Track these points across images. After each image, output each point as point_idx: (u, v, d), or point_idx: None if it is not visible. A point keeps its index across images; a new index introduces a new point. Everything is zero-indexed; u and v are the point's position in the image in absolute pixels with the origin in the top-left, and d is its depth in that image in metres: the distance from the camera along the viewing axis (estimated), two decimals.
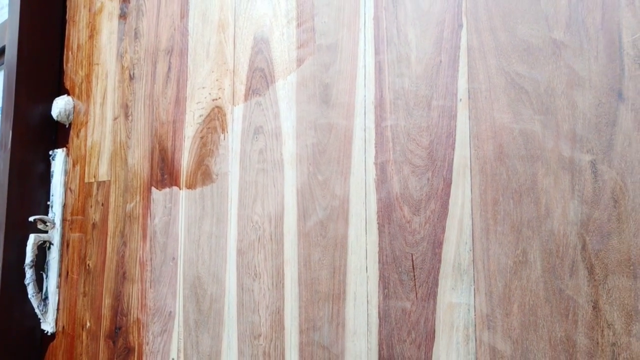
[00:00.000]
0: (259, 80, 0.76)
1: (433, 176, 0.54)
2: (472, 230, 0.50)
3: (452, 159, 0.52)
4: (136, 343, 0.94)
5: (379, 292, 0.57)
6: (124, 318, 0.98)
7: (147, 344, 0.91)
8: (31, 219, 1.22)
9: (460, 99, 0.52)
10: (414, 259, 0.54)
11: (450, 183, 0.52)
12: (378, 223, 0.58)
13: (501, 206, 0.48)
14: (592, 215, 0.42)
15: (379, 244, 0.58)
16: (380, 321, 0.57)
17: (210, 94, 0.85)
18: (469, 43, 0.52)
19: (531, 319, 0.45)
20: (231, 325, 0.75)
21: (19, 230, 1.23)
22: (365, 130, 0.61)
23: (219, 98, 0.83)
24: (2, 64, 1.41)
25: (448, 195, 0.52)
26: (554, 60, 0.45)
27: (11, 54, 1.30)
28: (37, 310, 1.21)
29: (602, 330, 0.40)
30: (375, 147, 0.60)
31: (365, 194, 0.60)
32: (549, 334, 0.43)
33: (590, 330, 0.41)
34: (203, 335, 0.80)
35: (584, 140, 0.43)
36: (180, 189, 0.89)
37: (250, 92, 0.77)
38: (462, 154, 0.52)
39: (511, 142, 0.48)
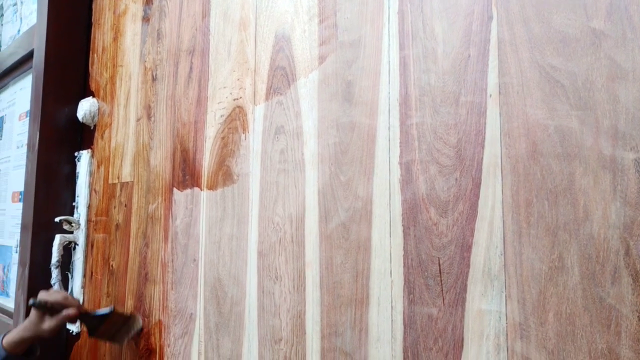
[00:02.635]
0: (280, 78, 0.75)
1: (461, 176, 0.51)
2: (504, 233, 0.47)
3: (482, 158, 0.50)
4: (158, 345, 0.94)
5: (404, 297, 0.55)
6: (146, 319, 0.98)
7: (169, 346, 0.91)
8: (57, 219, 1.23)
9: (490, 95, 0.50)
10: (440, 263, 0.52)
11: (480, 183, 0.50)
12: (403, 225, 0.56)
13: (535, 208, 0.45)
14: (636, 218, 0.39)
15: (404, 247, 0.56)
16: (405, 328, 0.54)
17: (231, 93, 0.84)
18: (499, 36, 0.49)
19: (568, 328, 0.42)
20: (252, 329, 0.74)
21: (45, 230, 1.24)
22: (389, 128, 0.59)
23: (240, 98, 0.82)
24: (31, 67, 1.43)
25: (477, 196, 0.50)
26: (593, 52, 0.42)
27: (39, 58, 1.32)
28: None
29: None
30: (400, 146, 0.57)
31: (390, 194, 0.58)
32: (588, 345, 0.40)
33: (635, 342, 0.38)
34: (224, 338, 0.79)
35: (627, 137, 0.40)
36: (201, 190, 0.88)
37: (272, 91, 0.76)
38: (492, 153, 0.49)
39: (546, 139, 0.45)
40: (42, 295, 0.93)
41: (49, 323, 0.90)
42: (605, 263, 0.40)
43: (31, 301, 0.91)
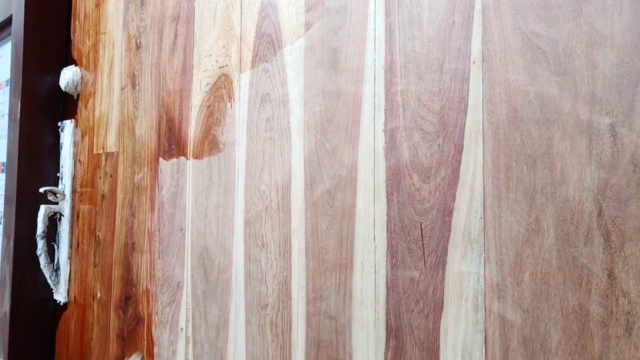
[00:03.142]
0: (266, 46, 0.74)
1: (444, 142, 0.52)
2: (484, 197, 0.48)
3: (464, 124, 0.51)
4: (145, 313, 0.95)
5: (386, 261, 0.56)
6: (133, 288, 0.99)
7: (157, 313, 0.92)
8: (41, 190, 1.22)
9: (474, 62, 0.50)
10: (423, 227, 0.53)
11: (462, 149, 0.51)
12: (387, 191, 0.57)
13: (514, 172, 0.46)
14: (609, 181, 0.40)
15: (387, 212, 0.57)
16: (387, 291, 0.56)
17: (217, 61, 0.83)
18: (483, 2, 0.50)
19: (543, 287, 0.43)
20: (239, 296, 0.75)
21: (29, 201, 1.23)
22: (374, 96, 0.59)
23: (226, 66, 0.81)
24: (9, 34, 1.39)
25: (459, 162, 0.51)
26: (573, 18, 0.43)
27: (18, 24, 1.29)
28: (49, 281, 1.23)
29: (617, 299, 0.39)
30: (385, 113, 0.58)
31: (374, 162, 0.59)
32: (561, 303, 0.42)
33: (604, 298, 0.40)
34: (211, 305, 0.80)
35: (604, 102, 0.41)
36: (187, 159, 0.88)
37: (258, 58, 0.75)
38: (474, 119, 0.50)
39: (526, 105, 0.46)
40: None
41: None
42: (579, 224, 0.41)
43: None
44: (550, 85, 0.44)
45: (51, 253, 1.24)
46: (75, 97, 1.27)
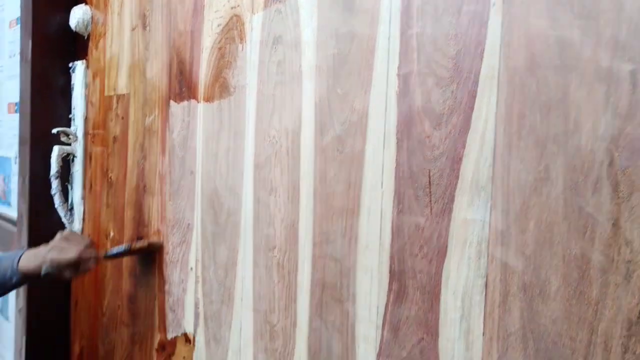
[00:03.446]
0: None
1: (458, 88, 0.51)
2: (494, 145, 0.48)
3: (479, 69, 0.49)
4: (157, 252, 0.98)
5: (393, 207, 0.57)
6: (145, 229, 1.02)
7: (167, 253, 0.95)
8: (54, 130, 1.23)
9: (494, 4, 0.48)
10: (431, 174, 0.53)
11: (475, 96, 0.50)
12: (397, 138, 0.57)
13: (527, 120, 0.46)
14: (624, 130, 0.39)
15: (396, 159, 0.57)
16: (392, 236, 0.57)
17: (228, 1, 0.81)
18: None
19: (547, 236, 0.44)
20: (247, 238, 0.77)
21: (43, 142, 1.25)
22: (389, 39, 0.57)
23: (238, 6, 0.79)
24: None
25: (472, 108, 0.50)
26: None
27: None
28: (64, 219, 1.26)
29: (619, 248, 0.39)
30: (399, 57, 0.56)
31: (386, 107, 0.58)
32: (563, 251, 0.43)
33: (606, 247, 0.40)
34: (220, 246, 0.82)
35: (627, 47, 0.39)
36: (198, 102, 0.88)
37: None
38: (490, 65, 0.48)
39: (545, 50, 0.44)
40: (55, 251, 0.89)
41: (69, 274, 0.89)
42: (589, 174, 0.41)
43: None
44: (572, 30, 0.42)
45: (65, 193, 1.27)
46: (85, 38, 1.26)
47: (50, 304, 1.27)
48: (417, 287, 0.54)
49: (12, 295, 1.44)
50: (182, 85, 0.92)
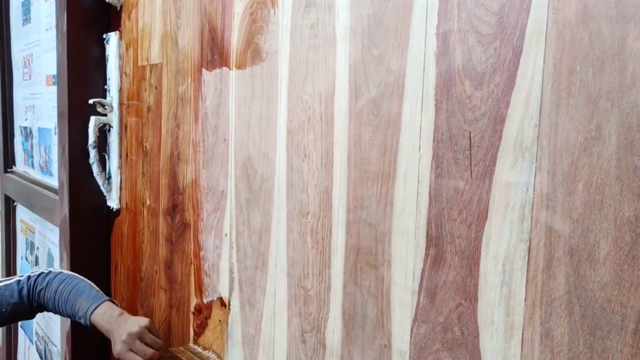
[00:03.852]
0: None
1: (501, 45, 0.48)
2: (541, 104, 0.45)
3: (525, 24, 0.46)
4: (192, 219, 1.00)
5: (431, 171, 0.55)
6: (179, 196, 1.03)
7: (202, 220, 0.96)
8: (91, 101, 1.25)
9: None
10: (471, 136, 0.51)
11: (521, 52, 0.47)
12: (435, 99, 0.55)
13: (578, 76, 0.43)
14: None
15: (435, 121, 0.55)
16: (430, 200, 0.56)
17: None
18: None
19: (597, 198, 0.42)
20: (280, 204, 0.77)
21: (80, 113, 1.27)
22: None
23: None
24: None
25: (517, 66, 0.47)
26: None
27: None
28: (102, 188, 1.30)
29: None
30: (438, 15, 0.54)
31: (424, 68, 0.56)
32: (615, 214, 0.40)
33: None
34: (254, 212, 0.83)
35: None
36: (230, 70, 0.87)
37: None
38: (537, 19, 0.46)
39: (599, 0, 0.41)
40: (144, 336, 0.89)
41: (123, 354, 0.88)
42: None
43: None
44: None
45: (102, 162, 1.30)
46: (118, 9, 1.26)
47: (92, 269, 1.32)
48: (456, 252, 0.53)
49: (56, 262, 1.51)
50: (214, 52, 0.91)
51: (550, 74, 0.45)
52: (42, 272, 1.00)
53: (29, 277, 0.99)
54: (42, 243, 1.68)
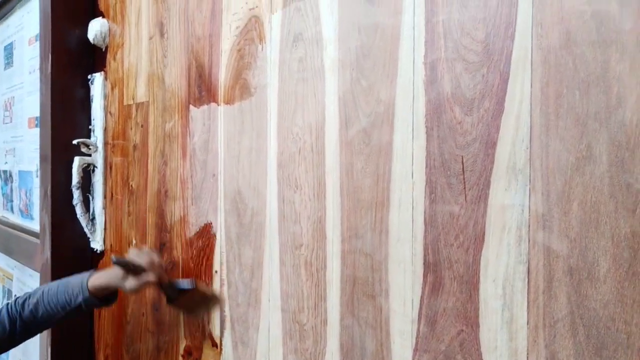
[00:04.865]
0: None
1: (488, 72, 0.50)
2: (530, 126, 0.47)
3: (511, 51, 0.48)
4: (180, 257, 0.97)
5: (425, 197, 0.56)
6: (167, 234, 1.01)
7: (191, 258, 0.94)
8: (75, 142, 1.24)
9: None
10: (464, 161, 0.52)
11: (508, 78, 0.48)
12: (426, 127, 0.56)
13: (565, 99, 0.44)
14: None
15: (426, 148, 0.55)
16: (425, 227, 0.56)
17: (247, 3, 0.81)
18: None
19: (592, 216, 0.42)
20: (273, 237, 0.76)
21: (64, 154, 1.26)
22: (414, 27, 0.57)
23: (256, 7, 0.79)
24: None
25: (504, 91, 0.49)
26: None
27: None
28: (85, 230, 1.27)
29: None
30: (425, 45, 0.56)
31: (413, 96, 0.57)
32: (612, 231, 0.41)
33: None
34: (245, 247, 0.82)
35: None
36: (218, 105, 0.88)
37: None
38: (522, 45, 0.47)
39: (581, 26, 0.43)
40: (130, 255, 0.88)
41: (130, 283, 0.86)
42: (636, 149, 0.40)
43: (113, 258, 0.86)
44: (610, 3, 0.41)
45: (86, 203, 1.28)
46: (103, 50, 1.27)
47: None
48: (454, 278, 0.53)
49: None
50: (202, 89, 0.92)
51: (538, 98, 0.46)
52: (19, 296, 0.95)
53: (6, 304, 0.93)
54: (21, 290, 1.62)
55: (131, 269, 0.86)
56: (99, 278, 0.89)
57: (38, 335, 1.01)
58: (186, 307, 0.91)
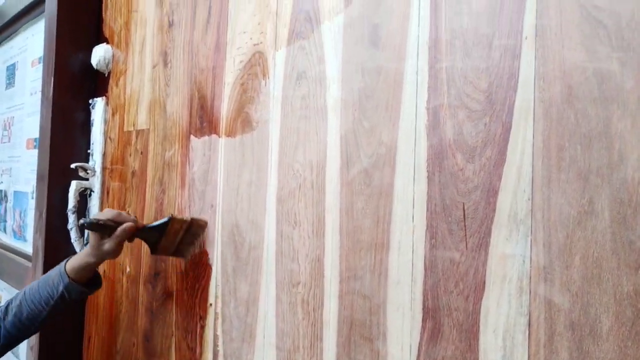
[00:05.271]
0: (304, 22, 0.73)
1: (491, 121, 0.50)
2: (532, 178, 0.47)
3: (514, 102, 0.49)
4: (175, 288, 0.96)
5: (425, 241, 0.55)
6: (162, 264, 1.00)
7: (186, 289, 0.93)
8: (73, 165, 1.24)
9: (526, 37, 0.48)
10: (465, 208, 0.52)
11: (510, 128, 0.49)
12: (427, 171, 0.56)
13: (567, 152, 0.45)
14: None
15: (427, 192, 0.56)
16: (425, 271, 0.55)
17: (251, 38, 0.82)
18: None
19: (595, 271, 0.42)
20: (269, 273, 0.75)
21: (61, 176, 1.25)
22: (417, 73, 0.57)
23: (261, 43, 0.80)
24: (42, 12, 1.41)
25: (507, 141, 0.49)
26: None
27: (51, 2, 1.30)
28: None
29: None
30: (428, 90, 0.56)
31: (415, 140, 0.57)
32: (614, 288, 0.41)
33: None
34: (241, 282, 0.81)
35: None
36: (219, 137, 0.88)
37: (294, 35, 0.74)
38: (524, 97, 0.48)
39: (583, 82, 0.44)
40: (94, 215, 0.88)
41: (109, 244, 0.83)
42: (638, 207, 0.40)
43: (82, 221, 0.83)
44: (611, 62, 0.42)
45: (81, 228, 1.26)
46: (106, 75, 1.28)
47: (63, 341, 1.24)
48: (454, 325, 0.52)
49: None
50: (203, 120, 0.92)
51: (540, 150, 0.47)
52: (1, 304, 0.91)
53: None
54: None
55: (104, 229, 0.83)
56: (75, 259, 0.86)
57: None
58: (171, 247, 0.89)
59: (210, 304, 0.87)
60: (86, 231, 1.26)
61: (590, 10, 0.44)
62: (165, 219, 0.86)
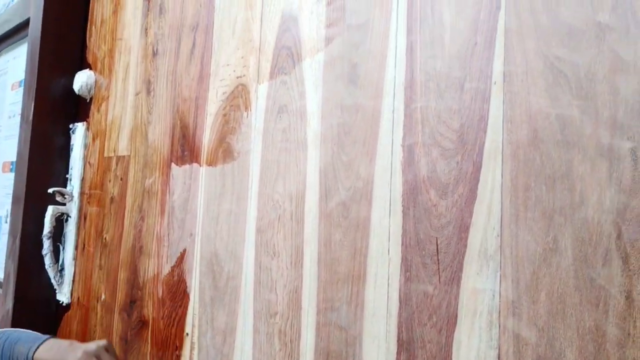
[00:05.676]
0: (286, 58, 0.75)
1: (462, 160, 0.53)
2: (501, 215, 0.49)
3: (484, 142, 0.51)
4: (151, 317, 0.95)
5: (400, 275, 0.57)
6: (139, 292, 0.99)
7: (162, 318, 0.92)
8: (50, 190, 1.23)
9: (495, 82, 0.51)
10: (438, 242, 0.54)
11: (480, 167, 0.51)
12: (403, 206, 0.58)
13: (533, 192, 0.47)
14: (629, 204, 0.41)
15: (402, 226, 0.57)
16: (400, 304, 0.57)
17: (234, 71, 0.84)
18: (506, 25, 0.51)
19: (559, 307, 0.44)
20: (247, 303, 0.76)
21: (38, 201, 1.24)
22: (393, 111, 0.60)
23: (244, 76, 0.82)
24: (25, 36, 1.41)
25: (477, 179, 0.51)
26: (596, 44, 0.44)
27: (35, 27, 1.30)
28: (53, 281, 1.23)
29: (635, 321, 0.39)
30: (404, 128, 0.59)
31: (391, 176, 0.59)
32: (577, 323, 0.43)
33: (621, 320, 0.40)
34: (218, 311, 0.81)
35: (625, 127, 0.42)
36: (200, 166, 0.89)
37: (276, 70, 0.77)
38: (494, 138, 0.51)
39: (547, 127, 0.47)
40: (102, 355, 0.81)
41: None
42: (598, 246, 0.42)
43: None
44: (572, 109, 0.45)
45: (56, 253, 1.24)
46: (88, 101, 1.28)
47: None
48: (427, 358, 0.53)
49: None
50: (185, 148, 0.93)
51: (508, 189, 0.49)
52: None
53: None
54: None
55: None
56: (48, 355, 0.81)
57: None
58: None
59: (187, 334, 0.86)
60: (61, 255, 1.24)
61: (553, 61, 0.47)
62: None
